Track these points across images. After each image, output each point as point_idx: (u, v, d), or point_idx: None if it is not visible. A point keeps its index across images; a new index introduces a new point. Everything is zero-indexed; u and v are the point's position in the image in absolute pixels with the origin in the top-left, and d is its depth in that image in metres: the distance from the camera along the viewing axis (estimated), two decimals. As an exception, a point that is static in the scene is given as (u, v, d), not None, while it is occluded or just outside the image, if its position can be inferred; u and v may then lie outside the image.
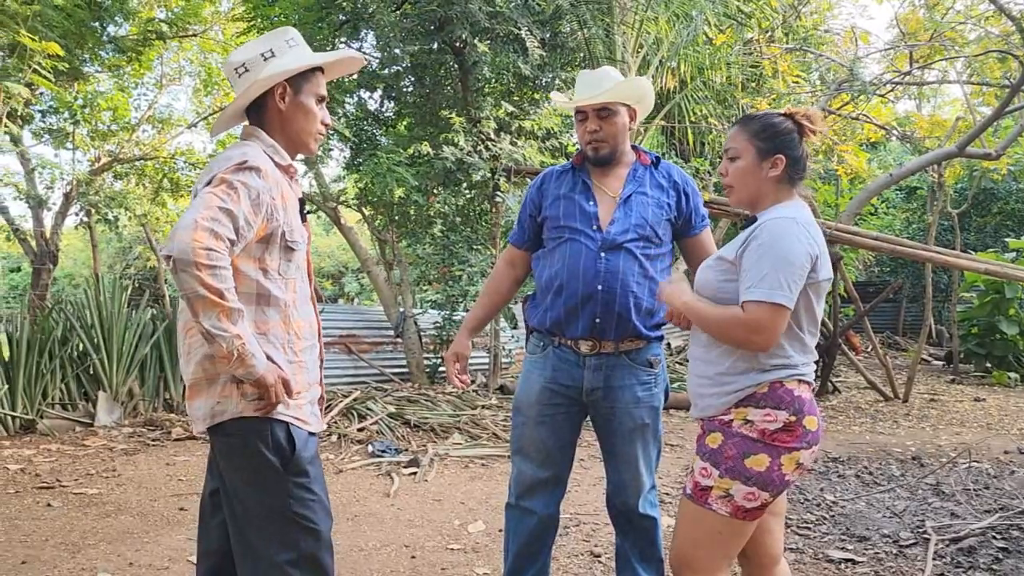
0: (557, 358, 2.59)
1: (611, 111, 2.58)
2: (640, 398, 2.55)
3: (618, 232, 2.52)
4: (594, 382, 2.54)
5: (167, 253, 1.71)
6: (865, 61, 10.59)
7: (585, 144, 2.63)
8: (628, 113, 2.62)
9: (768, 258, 1.88)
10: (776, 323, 1.87)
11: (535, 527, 2.64)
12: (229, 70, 2.05)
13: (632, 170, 2.64)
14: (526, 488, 2.65)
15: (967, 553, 3.57)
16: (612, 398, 2.54)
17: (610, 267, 2.49)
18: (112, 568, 3.40)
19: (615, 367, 2.54)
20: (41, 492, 4.61)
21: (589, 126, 2.60)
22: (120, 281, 7.99)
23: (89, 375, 6.80)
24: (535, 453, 2.63)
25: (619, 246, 2.51)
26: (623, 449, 2.58)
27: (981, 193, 15.68)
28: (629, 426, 2.55)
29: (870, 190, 9.66)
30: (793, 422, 1.91)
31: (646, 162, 2.67)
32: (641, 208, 2.56)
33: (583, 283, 2.50)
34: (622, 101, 2.60)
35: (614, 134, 2.59)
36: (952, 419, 7.67)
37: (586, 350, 2.54)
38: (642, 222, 2.54)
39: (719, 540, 1.97)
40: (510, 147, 7.67)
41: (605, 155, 2.61)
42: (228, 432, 1.92)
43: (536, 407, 2.61)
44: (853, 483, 5.00)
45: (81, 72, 10.28)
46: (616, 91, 2.57)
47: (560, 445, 2.63)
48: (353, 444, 5.98)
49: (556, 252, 2.59)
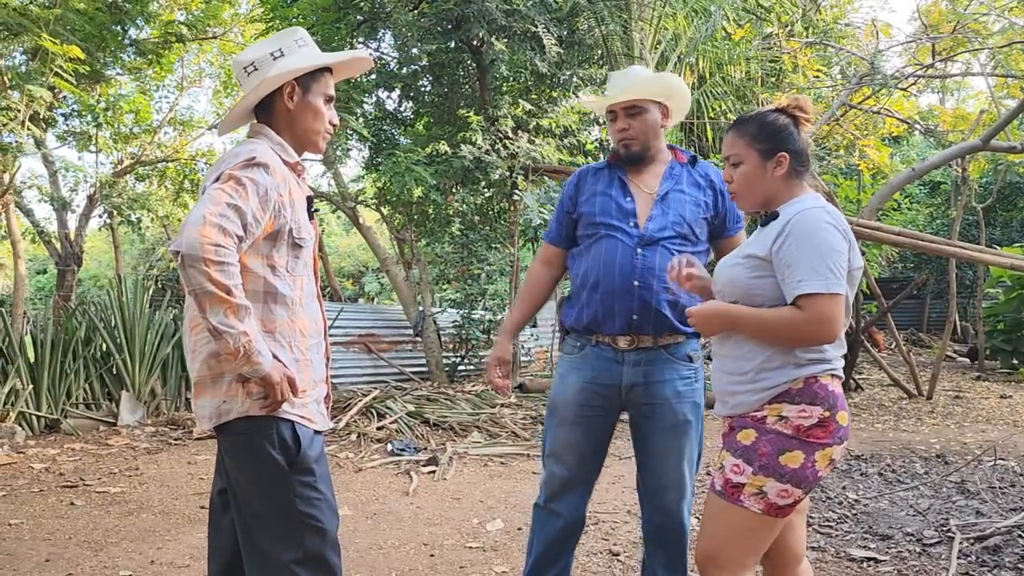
0: (596, 357, 2.54)
1: (640, 109, 2.55)
2: (681, 392, 2.50)
3: (656, 229, 2.50)
4: (633, 378, 2.50)
5: (176, 249, 1.71)
6: (887, 54, 10.49)
7: (617, 143, 2.62)
8: (660, 111, 2.59)
9: (812, 249, 1.86)
10: (837, 312, 1.85)
11: (561, 529, 2.61)
12: (238, 69, 2.05)
13: (669, 168, 2.62)
14: (555, 491, 2.61)
15: (992, 552, 3.51)
16: (652, 393, 2.50)
17: (647, 263, 2.47)
18: (134, 566, 3.43)
19: (654, 361, 2.50)
20: (65, 491, 4.66)
21: (619, 124, 2.58)
22: (142, 282, 8.08)
23: (112, 375, 6.88)
24: (569, 456, 2.58)
25: (656, 242, 2.49)
26: (663, 447, 2.51)
27: (1006, 187, 15.46)
28: (671, 422, 2.49)
29: (892, 185, 9.54)
30: (827, 418, 1.89)
31: (683, 161, 2.65)
32: (679, 206, 2.54)
33: (619, 279, 2.47)
34: (650, 98, 2.57)
35: (644, 131, 2.57)
36: (977, 416, 7.57)
37: (624, 346, 2.50)
38: (679, 220, 2.52)
39: (750, 537, 1.95)
40: (528, 145, 7.67)
41: (636, 153, 2.59)
42: (234, 431, 1.92)
43: (573, 407, 2.56)
44: (876, 481, 4.95)
45: (103, 75, 10.40)
46: (642, 88, 2.55)
47: (593, 448, 2.59)
48: (372, 443, 6.00)
49: (592, 248, 2.57)
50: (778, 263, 1.92)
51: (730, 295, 2.03)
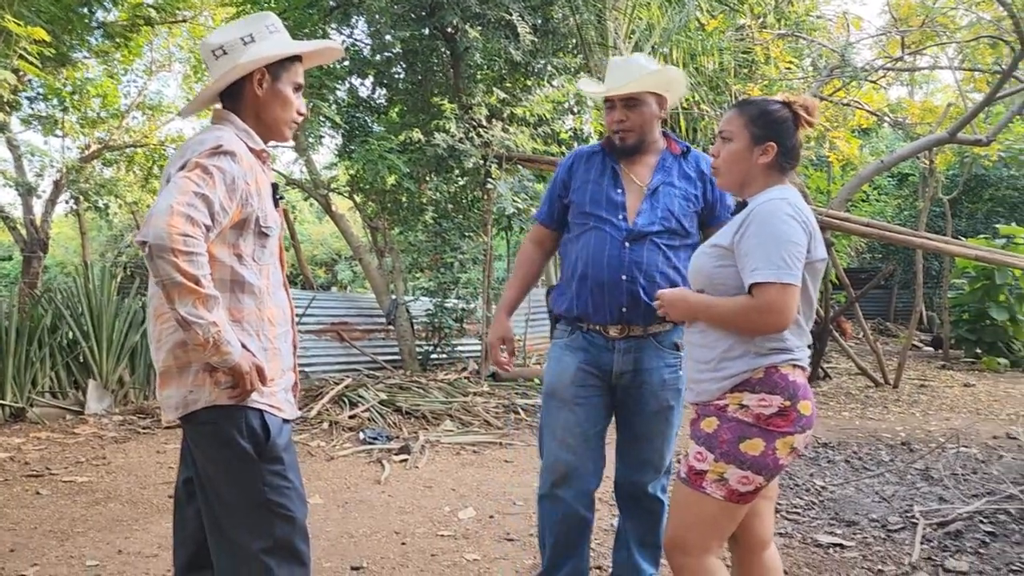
0: (587, 341, 2.59)
1: (639, 101, 2.56)
2: (667, 380, 2.57)
3: (644, 224, 2.53)
4: (624, 365, 2.55)
5: (143, 239, 1.69)
6: (857, 47, 10.61)
7: (612, 133, 2.62)
8: (657, 102, 2.60)
9: (769, 240, 1.88)
10: (789, 302, 1.87)
11: (570, 516, 2.58)
12: (206, 52, 2.02)
13: (661, 159, 2.63)
14: (561, 475, 2.58)
15: (954, 537, 3.59)
16: (641, 380, 2.56)
17: (635, 257, 2.50)
18: (101, 556, 3.40)
19: (644, 349, 2.55)
20: (30, 480, 4.60)
21: (616, 115, 2.59)
22: (110, 269, 7.96)
23: (79, 363, 6.78)
24: (571, 438, 2.58)
25: (644, 237, 2.52)
26: (646, 430, 2.60)
27: (972, 179, 15.71)
28: (655, 408, 2.57)
29: (862, 176, 9.66)
30: (788, 407, 1.92)
31: (676, 151, 2.66)
32: (668, 200, 2.56)
33: (608, 273, 2.51)
34: (651, 90, 2.57)
35: (641, 124, 2.58)
36: (942, 405, 7.71)
37: (615, 334, 2.55)
38: (668, 214, 2.54)
39: (712, 523, 1.99)
40: (502, 134, 7.65)
41: (631, 145, 2.60)
42: (201, 420, 1.90)
43: (572, 388, 2.58)
44: (843, 468, 5.03)
45: (69, 58, 10.18)
46: (644, 82, 2.55)
47: (596, 431, 2.61)
48: (344, 431, 5.98)
49: (582, 239, 2.60)
50: (738, 252, 1.95)
51: (697, 283, 2.07)
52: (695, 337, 2.08)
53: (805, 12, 11.34)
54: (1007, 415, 7.06)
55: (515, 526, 3.84)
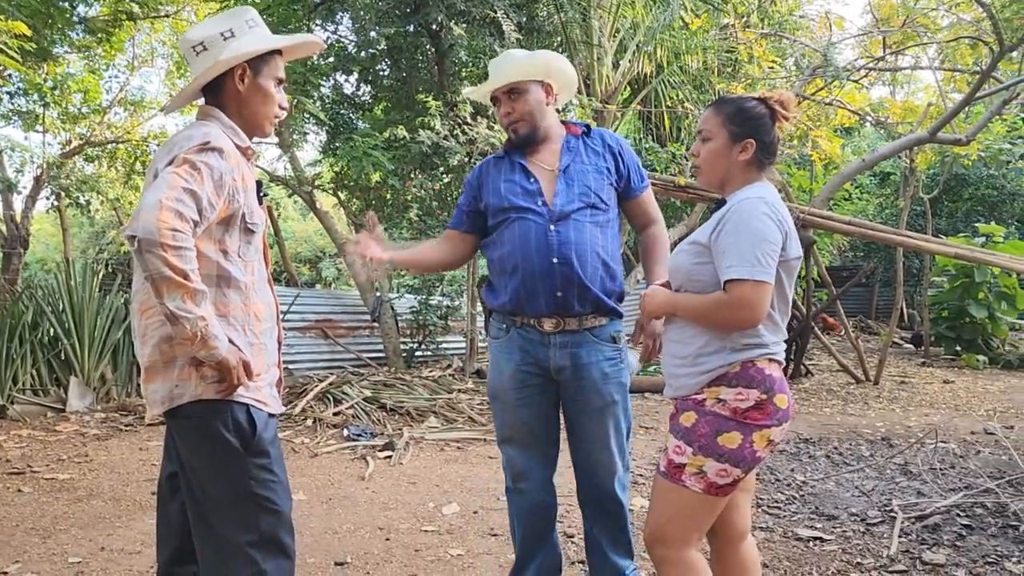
0: (522, 339, 2.57)
1: (519, 91, 2.56)
2: (608, 374, 2.54)
3: (564, 203, 2.51)
4: (561, 360, 2.53)
5: (131, 233, 1.69)
6: (839, 47, 10.68)
7: (506, 128, 2.64)
8: (543, 88, 2.60)
9: (743, 237, 1.91)
10: (761, 299, 1.90)
11: (534, 507, 2.65)
12: (186, 47, 2.02)
13: (565, 142, 2.63)
14: (518, 472, 2.65)
15: (932, 530, 3.64)
16: (579, 375, 2.53)
17: (562, 239, 2.48)
18: (84, 553, 3.39)
19: (581, 344, 2.53)
20: (11, 478, 4.57)
21: (503, 109, 2.60)
22: (92, 265, 7.90)
23: (60, 360, 6.74)
24: (521, 437, 2.62)
25: (567, 216, 2.50)
26: (593, 429, 2.56)
27: (952, 179, 15.85)
28: (598, 404, 2.53)
29: (844, 175, 9.75)
30: (764, 400, 1.95)
31: (577, 132, 2.67)
32: (582, 176, 2.56)
33: (538, 259, 2.48)
34: (527, 79, 2.57)
35: (528, 112, 2.57)
36: (922, 401, 7.80)
37: (550, 328, 2.52)
38: (586, 190, 2.53)
39: (691, 516, 2.02)
40: (487, 131, 7.64)
41: (525, 134, 2.60)
42: (187, 415, 1.90)
43: (512, 392, 2.59)
44: (823, 463, 5.08)
45: (50, 53, 10.09)
46: (516, 70, 2.55)
47: (544, 424, 2.63)
48: (328, 428, 5.97)
49: (505, 233, 2.57)
50: (715, 250, 1.98)
51: (676, 280, 2.10)
52: (673, 333, 2.11)
53: (788, 12, 11.42)
54: (985, 411, 7.15)
55: (499, 521, 3.86)
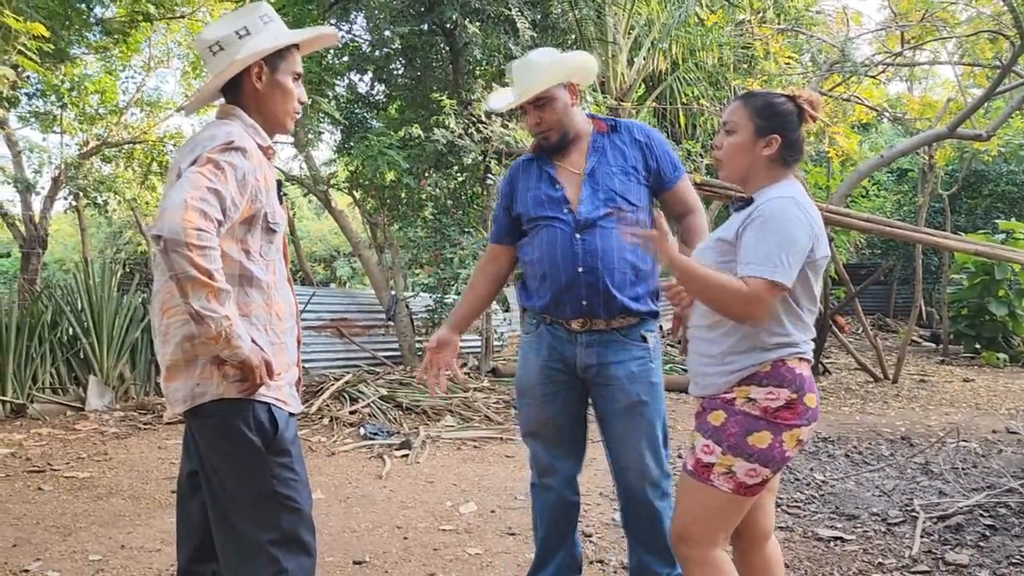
0: (550, 336, 2.57)
1: (547, 98, 2.53)
2: (635, 373, 2.50)
3: (589, 210, 2.49)
4: (587, 359, 2.52)
5: (157, 233, 1.69)
6: (856, 42, 10.58)
7: (535, 136, 2.61)
8: (567, 90, 2.56)
9: (771, 236, 1.89)
10: (771, 299, 1.88)
11: (557, 504, 2.66)
12: (202, 48, 2.01)
13: (592, 142, 2.59)
14: (543, 467, 2.66)
15: (954, 531, 3.60)
16: (606, 375, 2.51)
17: (588, 247, 2.47)
18: (103, 551, 3.40)
19: (608, 343, 2.51)
20: (32, 476, 4.60)
21: (531, 119, 2.57)
22: (110, 265, 7.95)
23: (79, 359, 6.78)
24: (546, 432, 2.63)
25: (593, 224, 2.48)
26: (621, 430, 2.52)
27: (972, 175, 15.71)
28: (625, 403, 2.49)
29: (861, 171, 9.67)
30: (795, 399, 1.93)
31: (603, 129, 2.62)
32: (607, 180, 2.52)
33: (564, 268, 2.48)
34: (551, 85, 2.52)
35: (557, 119, 2.55)
36: (941, 399, 7.72)
37: (577, 327, 2.52)
38: (611, 194, 2.50)
39: (719, 515, 2.00)
40: (501, 130, 7.63)
41: (556, 142, 2.58)
42: (208, 413, 1.91)
43: (539, 388, 2.61)
44: (843, 463, 5.04)
45: (68, 54, 10.15)
46: (541, 79, 2.50)
47: (570, 420, 2.63)
48: (345, 427, 5.99)
49: (535, 239, 2.59)
50: (739, 245, 1.95)
51: None
52: (700, 331, 2.08)
53: (804, 7, 11.34)
54: (1007, 410, 7.07)
55: (517, 520, 3.85)
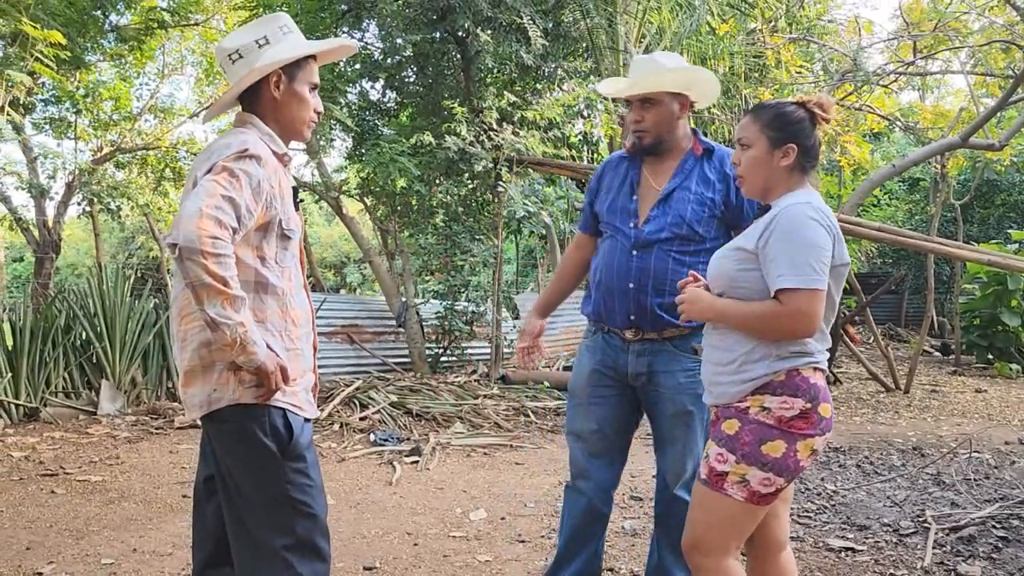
0: (605, 343, 2.64)
1: (654, 101, 2.53)
2: (682, 384, 2.52)
3: (652, 231, 2.52)
4: (638, 367, 2.56)
5: (172, 241, 1.72)
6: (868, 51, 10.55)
7: (632, 133, 2.62)
8: (678, 102, 2.55)
9: (795, 245, 1.89)
10: (816, 308, 1.89)
11: (586, 509, 2.67)
12: (222, 56, 2.04)
13: (683, 161, 2.59)
14: (579, 470, 2.70)
15: (967, 542, 3.58)
16: (656, 383, 2.56)
17: (642, 265, 2.51)
18: (116, 554, 3.42)
19: (659, 353, 2.55)
20: (45, 479, 4.63)
21: (634, 115, 2.58)
22: (123, 270, 8.00)
23: (92, 364, 6.82)
24: (588, 435, 2.67)
25: (651, 245, 2.51)
26: (666, 435, 2.60)
27: (984, 184, 15.64)
28: (671, 411, 2.55)
29: (873, 181, 9.64)
30: (809, 409, 1.93)
31: (699, 151, 2.60)
32: (680, 205, 2.52)
33: (617, 280, 2.54)
34: (664, 90, 2.52)
35: (656, 124, 2.55)
36: (953, 410, 7.68)
37: (630, 336, 2.57)
38: (679, 220, 2.50)
39: (733, 524, 2.00)
40: (512, 137, 7.65)
41: (648, 145, 2.59)
42: (225, 419, 1.93)
43: (587, 389, 2.66)
44: (854, 473, 5.02)
45: (83, 61, 10.27)
46: (658, 81, 2.51)
47: (616, 428, 2.67)
48: (355, 433, 6.00)
49: (601, 247, 2.67)
50: (763, 257, 1.95)
51: (717, 286, 2.07)
52: (714, 340, 2.08)
53: (816, 16, 11.33)
54: (1019, 421, 7.03)
55: (527, 527, 3.85)
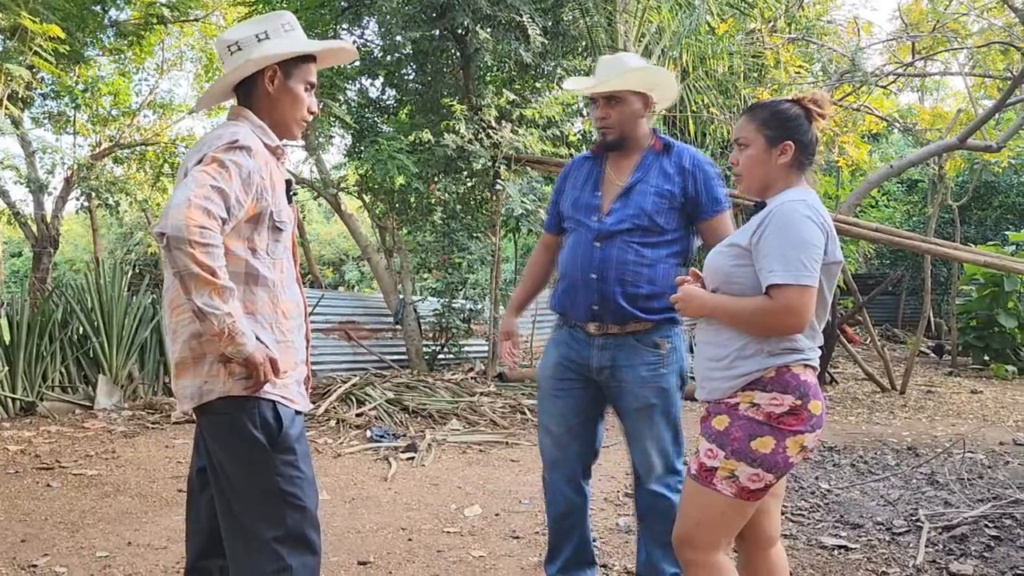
0: (571, 337, 2.69)
1: (619, 99, 2.62)
2: (645, 378, 2.58)
3: (614, 222, 2.59)
4: (602, 361, 2.61)
5: (160, 230, 1.72)
6: (867, 52, 10.57)
7: (597, 129, 2.71)
8: (641, 101, 2.64)
9: (787, 241, 1.91)
10: (807, 304, 1.90)
11: (565, 499, 2.75)
12: (221, 47, 2.05)
13: (643, 157, 2.67)
14: (549, 461, 2.78)
15: (959, 541, 3.59)
16: (619, 377, 2.60)
17: (603, 256, 2.57)
18: (111, 547, 3.43)
19: (621, 347, 2.60)
20: (41, 473, 4.64)
21: (599, 112, 2.65)
22: (120, 265, 8.01)
23: (89, 358, 6.83)
24: (553, 426, 2.74)
25: (613, 236, 2.58)
26: (631, 429, 2.64)
27: (982, 186, 15.64)
28: (635, 406, 2.59)
29: (871, 181, 9.66)
30: (799, 406, 1.94)
31: (658, 148, 2.69)
32: (640, 198, 2.60)
33: (581, 272, 2.60)
34: (630, 89, 2.61)
35: (621, 121, 2.63)
36: (948, 411, 7.70)
37: (593, 331, 2.62)
38: (639, 212, 2.58)
39: (721, 520, 2.01)
40: (511, 135, 7.66)
41: (613, 141, 2.67)
42: (216, 411, 1.94)
43: (551, 381, 2.73)
44: (848, 472, 5.03)
45: (82, 56, 10.26)
46: (624, 79, 2.60)
47: (581, 420, 2.72)
48: (351, 429, 6.00)
49: (567, 240, 2.73)
50: (756, 253, 1.97)
51: (712, 282, 2.08)
52: (707, 335, 2.09)
53: (816, 17, 11.35)
54: (1014, 422, 7.04)
55: (521, 524, 3.86)
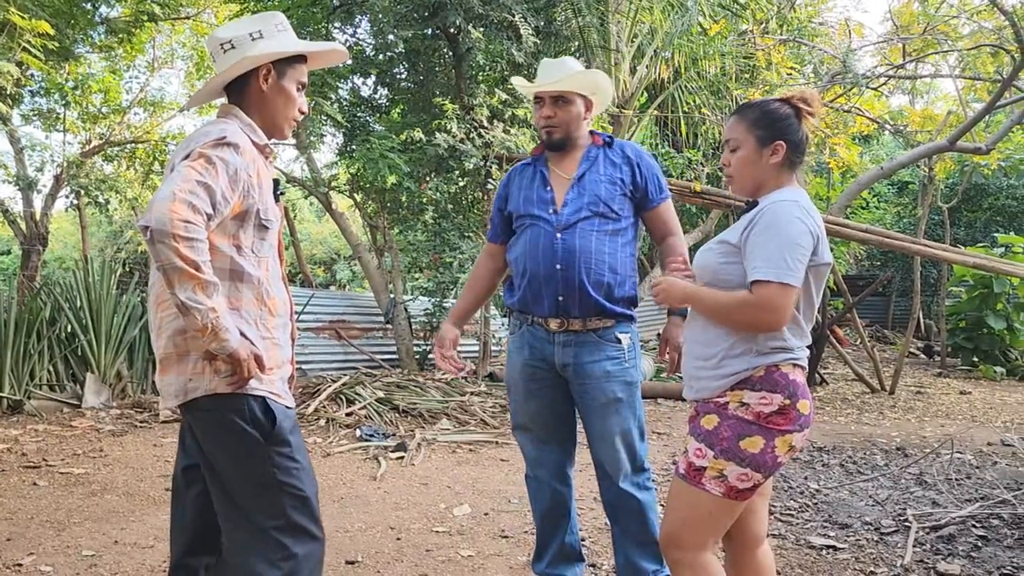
0: (531, 336, 2.73)
1: (566, 100, 2.70)
2: (611, 372, 2.63)
3: (571, 212, 2.65)
4: (564, 358, 2.66)
5: (145, 224, 1.71)
6: (859, 54, 10.62)
7: (541, 128, 2.77)
8: (584, 103, 2.74)
9: (774, 239, 1.91)
10: (786, 302, 1.90)
11: (551, 495, 2.81)
12: (214, 45, 2.05)
13: (586, 152, 2.76)
14: (533, 459, 2.84)
15: (947, 541, 3.61)
16: (583, 374, 2.64)
17: (567, 246, 2.61)
18: (97, 546, 3.41)
19: (583, 344, 2.64)
20: (27, 471, 4.61)
21: (545, 111, 2.73)
22: (110, 264, 7.96)
23: (77, 356, 6.79)
24: (533, 426, 2.80)
25: (573, 225, 2.63)
26: (598, 426, 2.66)
27: (971, 188, 15.74)
28: (601, 400, 2.63)
29: (861, 183, 9.69)
30: (788, 405, 1.94)
31: (599, 143, 2.79)
32: (593, 186, 2.68)
33: (543, 264, 2.63)
34: (577, 91, 2.71)
35: (567, 121, 2.72)
36: (937, 411, 7.73)
37: (555, 327, 2.66)
38: (595, 199, 2.66)
39: (709, 519, 2.01)
40: (503, 135, 7.66)
41: (558, 140, 2.75)
42: (203, 408, 1.93)
43: (521, 384, 2.78)
44: (837, 472, 5.04)
45: (72, 53, 10.20)
46: (572, 81, 2.69)
47: (555, 415, 2.79)
48: (341, 428, 5.99)
49: (520, 238, 2.75)
50: (744, 250, 1.97)
51: (702, 279, 2.09)
52: (695, 335, 2.09)
53: (807, 18, 11.38)
54: (1002, 422, 7.08)
55: (510, 523, 3.86)
